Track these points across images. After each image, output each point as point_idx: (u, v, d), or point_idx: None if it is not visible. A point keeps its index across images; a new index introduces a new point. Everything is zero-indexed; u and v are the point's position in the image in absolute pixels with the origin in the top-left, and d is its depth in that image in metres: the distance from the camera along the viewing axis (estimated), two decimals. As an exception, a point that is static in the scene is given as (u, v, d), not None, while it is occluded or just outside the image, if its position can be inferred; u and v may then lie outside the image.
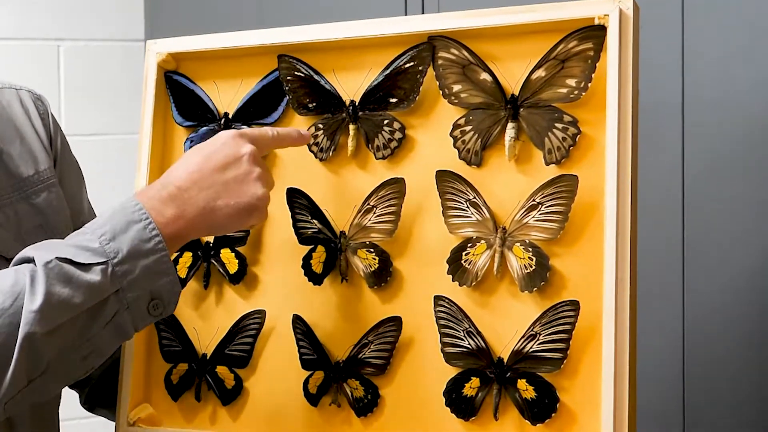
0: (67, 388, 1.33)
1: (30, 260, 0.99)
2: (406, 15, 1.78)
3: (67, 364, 1.01)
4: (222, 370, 1.23)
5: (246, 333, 1.22)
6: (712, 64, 1.55)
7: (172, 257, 1.03)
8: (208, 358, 1.23)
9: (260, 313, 1.22)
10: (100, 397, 1.35)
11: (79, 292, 0.97)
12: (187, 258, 1.25)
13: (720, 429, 1.54)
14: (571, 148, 1.11)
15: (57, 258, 0.98)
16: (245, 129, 1.12)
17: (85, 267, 0.98)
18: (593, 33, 1.10)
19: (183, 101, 1.29)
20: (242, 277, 1.23)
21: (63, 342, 0.98)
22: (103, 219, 1.02)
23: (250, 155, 1.07)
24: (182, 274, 1.25)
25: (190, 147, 1.27)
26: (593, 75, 1.10)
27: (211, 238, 1.25)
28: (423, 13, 1.77)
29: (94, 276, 0.98)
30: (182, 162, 1.07)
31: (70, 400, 1.37)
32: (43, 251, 0.99)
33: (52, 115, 1.32)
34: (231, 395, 1.22)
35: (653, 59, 1.50)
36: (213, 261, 1.24)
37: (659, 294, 1.57)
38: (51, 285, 0.96)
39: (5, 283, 0.97)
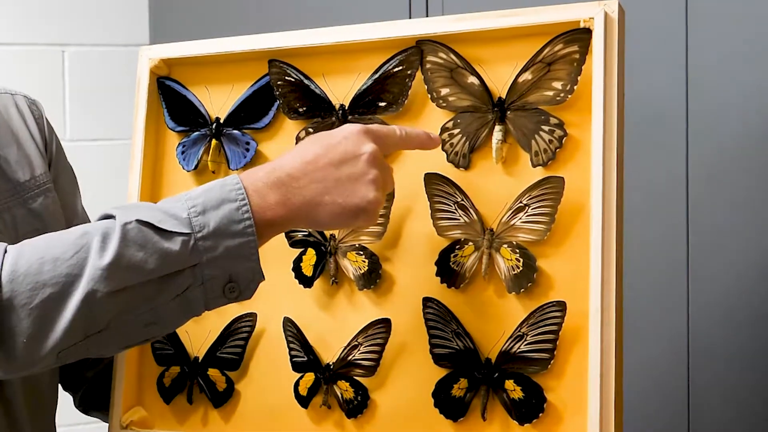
0: (62, 391, 1.35)
1: (110, 216, 0.98)
2: (410, 17, 1.79)
3: (128, 328, 0.98)
4: (214, 373, 1.23)
5: (237, 336, 1.23)
6: (716, 70, 1.55)
7: (264, 244, 1.00)
8: (199, 361, 1.24)
9: (251, 316, 1.23)
10: (93, 399, 1.36)
11: (153, 258, 0.95)
12: (179, 262, 1.26)
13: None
14: (558, 150, 1.12)
15: (137, 220, 0.96)
16: (373, 125, 1.06)
17: (167, 234, 0.96)
18: (579, 36, 1.11)
19: (175, 106, 1.30)
20: (234, 280, 1.24)
21: (126, 305, 0.96)
22: (200, 190, 1.00)
23: (371, 155, 1.02)
24: (174, 277, 1.26)
25: (182, 152, 1.29)
26: (579, 78, 1.11)
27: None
28: (427, 16, 1.78)
29: (173, 245, 0.96)
30: (299, 149, 1.03)
31: (67, 404, 1.38)
32: (126, 211, 0.98)
33: (46, 119, 1.33)
34: (222, 398, 1.23)
35: (658, 64, 1.51)
36: (205, 264, 1.25)
37: (664, 299, 1.57)
38: (125, 246, 0.95)
39: (72, 235, 0.96)
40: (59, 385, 1.36)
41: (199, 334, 1.25)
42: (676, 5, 1.57)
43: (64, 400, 1.37)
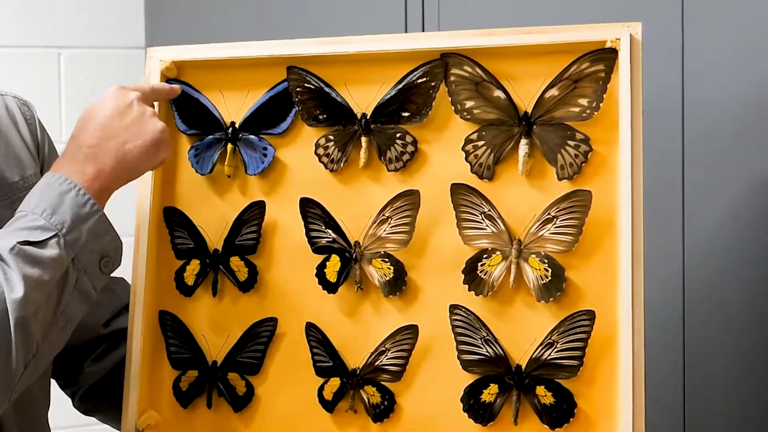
0: (58, 393, 1.33)
1: None
2: (406, 32, 1.80)
3: (51, 340, 1.07)
4: (233, 377, 1.24)
5: (258, 340, 1.24)
6: (711, 70, 1.61)
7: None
8: (218, 365, 1.25)
9: (272, 321, 1.24)
10: (95, 399, 1.34)
11: (47, 269, 1.04)
12: (194, 266, 1.27)
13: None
14: (583, 164, 1.16)
15: (18, 243, 1.04)
16: (125, 84, 1.19)
17: (42, 244, 1.05)
18: (605, 55, 1.16)
19: (186, 109, 1.29)
20: (252, 285, 1.25)
21: (44, 319, 1.04)
22: (35, 199, 1.08)
23: (138, 98, 1.16)
24: (189, 281, 1.26)
25: (195, 155, 1.28)
26: (604, 95, 1.16)
27: (219, 246, 1.26)
28: (423, 30, 1.79)
29: (53, 250, 1.05)
30: (81, 126, 1.14)
31: (66, 407, 1.37)
32: (1, 240, 1.05)
33: (39, 120, 1.31)
34: (243, 402, 1.24)
35: (654, 65, 1.54)
36: (222, 269, 1.26)
37: (660, 299, 1.63)
38: (23, 269, 1.02)
39: None
40: (57, 387, 1.34)
41: (217, 338, 1.26)
42: (672, 4, 1.62)
43: (62, 402, 1.36)
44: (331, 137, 1.24)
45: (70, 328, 1.09)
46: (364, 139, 1.23)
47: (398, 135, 1.22)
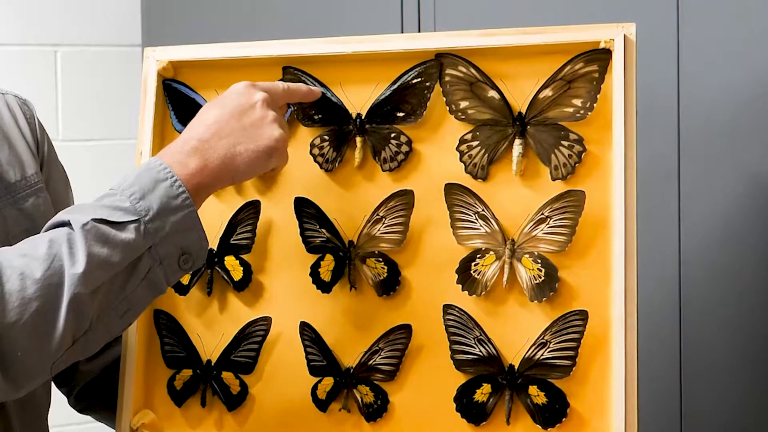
0: (56, 391, 1.34)
1: (65, 223, 1.02)
2: (402, 32, 1.81)
3: (107, 322, 1.04)
4: (227, 376, 1.25)
5: (252, 339, 1.24)
6: (706, 69, 1.61)
7: (199, 209, 1.07)
8: (213, 364, 1.25)
9: (266, 320, 1.24)
10: (91, 397, 1.35)
11: (117, 251, 1.01)
12: (189, 265, 1.27)
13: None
14: (577, 164, 1.16)
15: (93, 219, 1.01)
16: (257, 82, 1.15)
17: (120, 225, 1.01)
18: (599, 56, 1.16)
19: (183, 109, 1.29)
20: (247, 284, 1.25)
21: (104, 300, 1.02)
22: (129, 180, 1.05)
23: (263, 100, 1.12)
24: (184, 280, 1.27)
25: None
26: (598, 96, 1.16)
27: (214, 245, 1.26)
28: (420, 30, 1.80)
29: (129, 234, 1.01)
30: (199, 117, 1.11)
31: (63, 405, 1.37)
32: (78, 214, 1.02)
33: (38, 119, 1.32)
34: (236, 401, 1.24)
35: (650, 63, 1.55)
36: (217, 268, 1.26)
37: (657, 297, 1.64)
38: (90, 246, 1.00)
39: (40, 250, 1.00)
40: (53, 385, 1.35)
41: (211, 337, 1.26)
42: (667, 3, 1.62)
43: (57, 400, 1.36)
44: (326, 137, 1.25)
45: (132, 316, 1.07)
46: (358, 139, 1.23)
47: (393, 135, 1.22)
